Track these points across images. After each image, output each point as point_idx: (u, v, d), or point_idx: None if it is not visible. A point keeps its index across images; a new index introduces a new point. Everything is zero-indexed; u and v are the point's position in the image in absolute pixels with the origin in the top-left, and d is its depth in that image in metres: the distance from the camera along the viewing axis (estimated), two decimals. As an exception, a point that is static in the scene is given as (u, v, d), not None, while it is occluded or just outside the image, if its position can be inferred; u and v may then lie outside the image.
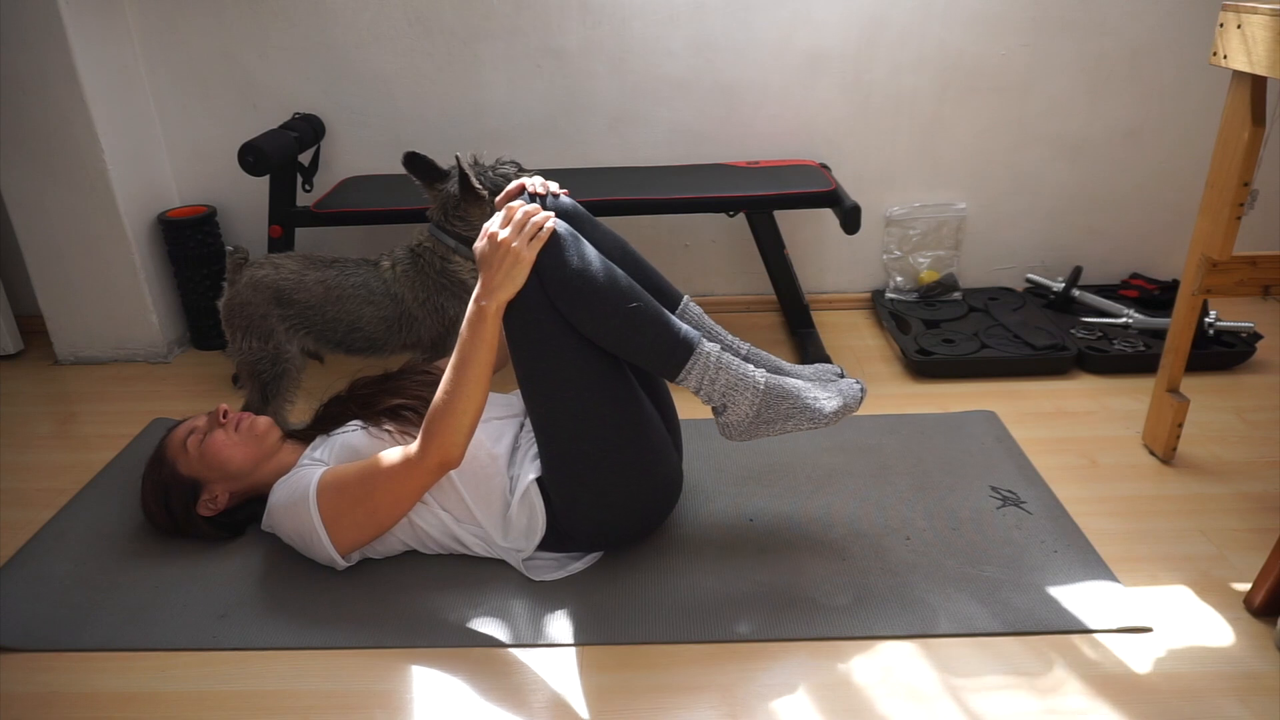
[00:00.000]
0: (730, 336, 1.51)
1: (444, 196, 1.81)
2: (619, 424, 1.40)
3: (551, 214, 1.37)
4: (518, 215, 1.34)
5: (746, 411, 1.38)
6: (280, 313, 1.82)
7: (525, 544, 1.48)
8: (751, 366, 1.39)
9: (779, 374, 1.46)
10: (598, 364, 1.37)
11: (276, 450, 1.60)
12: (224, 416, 1.59)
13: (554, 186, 1.49)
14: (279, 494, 1.48)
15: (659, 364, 1.37)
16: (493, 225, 1.34)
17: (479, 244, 1.35)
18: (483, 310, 1.33)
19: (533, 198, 1.45)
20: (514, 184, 1.46)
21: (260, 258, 1.86)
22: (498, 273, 1.32)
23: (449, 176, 1.82)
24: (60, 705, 1.30)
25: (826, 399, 1.40)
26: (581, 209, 1.50)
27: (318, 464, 1.51)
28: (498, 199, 1.45)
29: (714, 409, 1.41)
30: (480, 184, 1.78)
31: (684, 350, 1.35)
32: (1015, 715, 1.22)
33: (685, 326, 1.38)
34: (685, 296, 1.53)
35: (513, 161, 1.85)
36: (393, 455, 1.40)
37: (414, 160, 1.81)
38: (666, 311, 1.38)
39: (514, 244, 1.31)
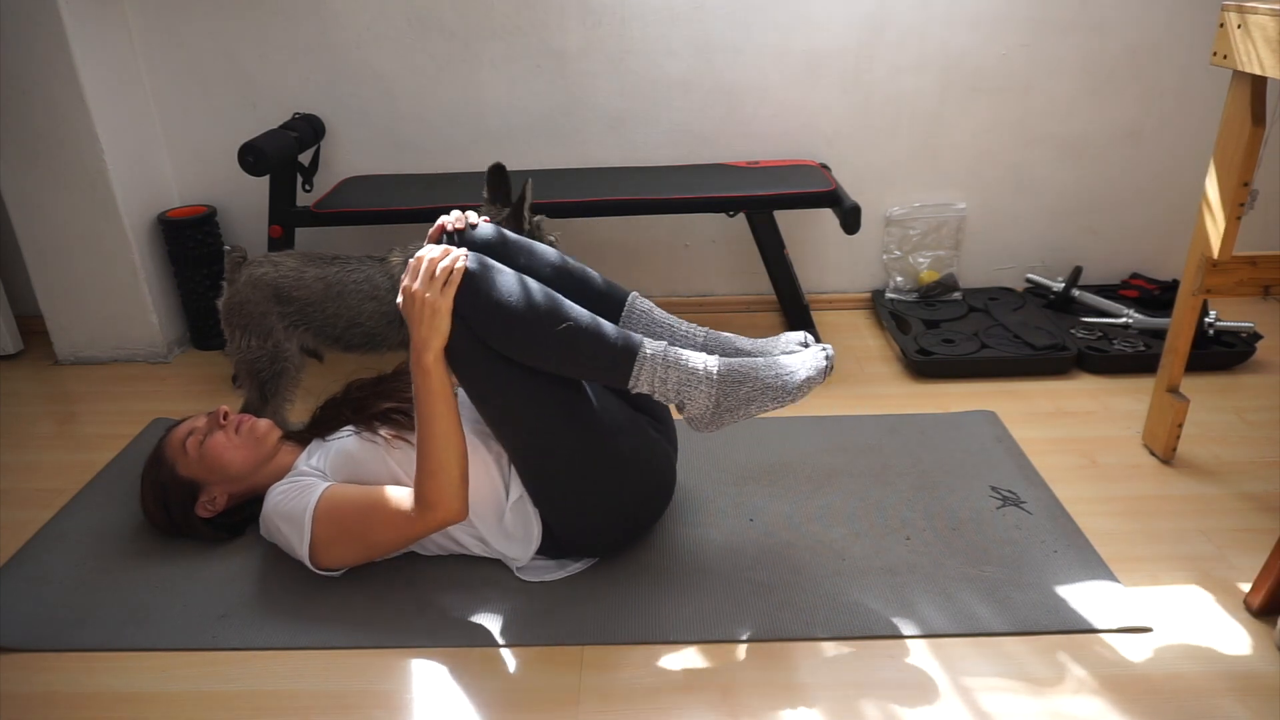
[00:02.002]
0: (685, 325, 1.47)
1: (494, 215, 1.82)
2: (584, 441, 1.39)
3: (461, 252, 1.33)
4: (423, 265, 1.31)
5: (705, 404, 1.35)
6: (279, 310, 1.82)
7: (522, 551, 1.48)
8: (703, 356, 1.35)
9: (740, 354, 1.43)
10: (547, 387, 1.36)
11: (275, 452, 1.60)
12: (224, 418, 1.59)
13: (473, 217, 1.47)
14: (274, 501, 1.48)
15: (605, 376, 1.35)
16: (405, 278, 1.33)
17: (399, 300, 1.34)
18: (422, 363, 1.32)
19: (452, 236, 1.44)
20: (434, 227, 1.44)
21: (259, 256, 1.86)
22: (421, 325, 1.31)
23: (509, 203, 1.84)
24: (60, 705, 1.30)
25: (789, 374, 1.35)
26: (503, 232, 1.48)
27: (315, 474, 1.50)
28: (412, 256, 1.40)
29: (676, 406, 1.38)
30: (528, 224, 1.80)
31: (626, 358, 1.33)
32: (1015, 715, 1.22)
33: (625, 333, 1.35)
34: (631, 294, 1.50)
35: (542, 216, 1.88)
36: (396, 502, 1.39)
37: (497, 174, 1.83)
38: (602, 322, 1.35)
39: (427, 295, 1.30)
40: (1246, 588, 1.42)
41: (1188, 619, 1.37)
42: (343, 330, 1.85)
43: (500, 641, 1.37)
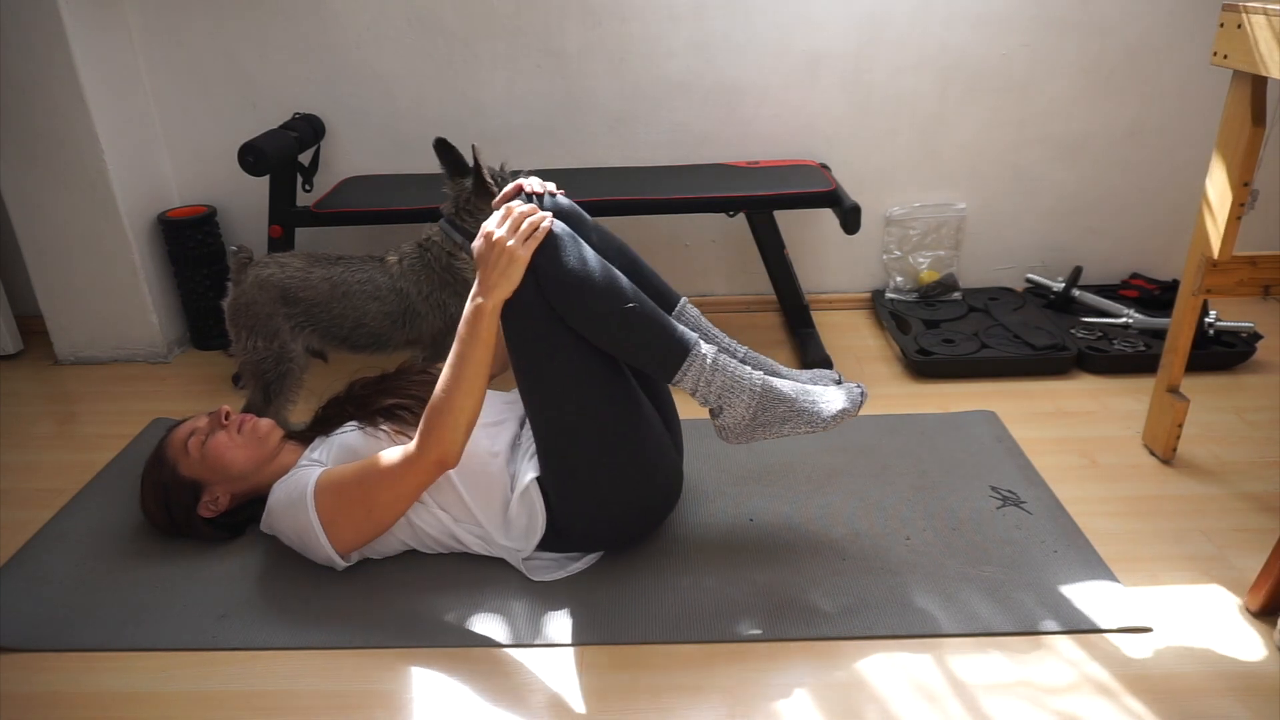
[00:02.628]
0: (728, 339, 1.51)
1: (459, 190, 1.83)
2: (616, 425, 1.40)
3: (549, 214, 1.36)
4: (514, 215, 1.34)
5: (743, 414, 1.38)
6: (286, 311, 1.82)
7: (525, 543, 1.48)
8: (749, 369, 1.39)
9: (779, 377, 1.46)
10: (595, 365, 1.37)
11: (278, 452, 1.60)
12: (226, 418, 1.59)
13: (551, 186, 1.49)
14: (278, 495, 1.48)
15: (655, 365, 1.36)
16: (489, 225, 1.34)
17: (476, 243, 1.35)
18: (480, 308, 1.33)
19: (530, 198, 1.45)
20: (511, 185, 1.45)
21: (264, 257, 1.86)
22: (493, 271, 1.32)
23: (470, 172, 1.83)
24: (60, 705, 1.30)
25: (825, 403, 1.39)
26: (579, 209, 1.50)
27: (316, 465, 1.51)
28: (494, 200, 1.45)
29: (710, 411, 1.40)
30: (494, 182, 1.79)
31: (680, 351, 1.35)
32: (1015, 715, 1.22)
33: (682, 328, 1.38)
34: (683, 298, 1.53)
35: (531, 174, 1.87)
36: (391, 455, 1.40)
37: (443, 148, 1.84)
38: (663, 313, 1.38)
39: (510, 243, 1.31)
40: (1246, 588, 1.41)
41: (1188, 619, 1.37)
42: (349, 331, 1.85)
43: (500, 641, 1.37)
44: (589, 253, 1.36)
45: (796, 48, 2.31)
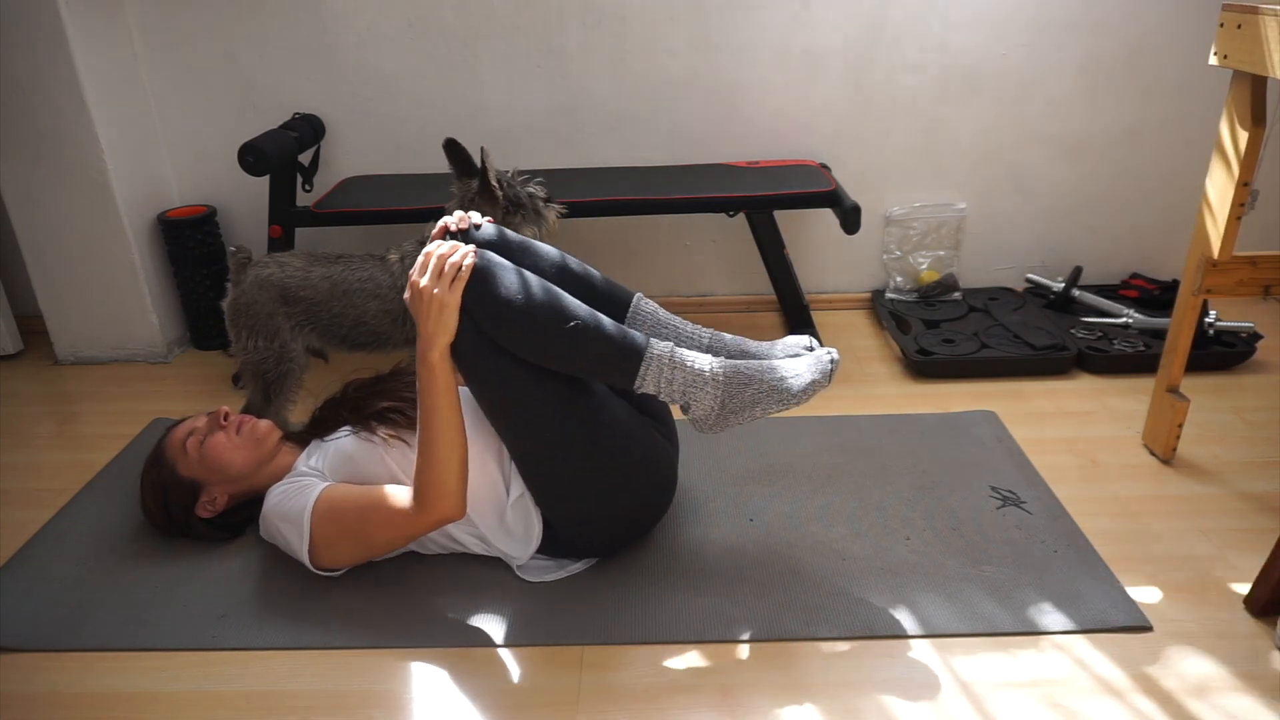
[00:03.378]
0: (691, 327, 1.48)
1: (466, 190, 1.84)
2: (590, 441, 1.39)
3: (469, 249, 1.33)
4: (433, 261, 1.31)
5: (710, 405, 1.35)
6: (286, 310, 1.82)
7: (522, 550, 1.48)
8: (708, 358, 1.36)
9: (745, 356, 1.44)
10: (554, 386, 1.36)
11: (276, 453, 1.60)
12: (225, 419, 1.59)
13: (475, 217, 1.47)
14: (273, 501, 1.48)
15: (611, 376, 1.35)
16: (413, 274, 1.32)
17: (405, 295, 1.33)
18: (427, 361, 1.31)
19: (455, 235, 1.43)
20: (436, 226, 1.43)
21: (264, 256, 1.86)
22: (429, 321, 1.30)
23: (478, 174, 1.84)
24: (60, 705, 1.30)
25: (794, 376, 1.35)
26: (506, 232, 1.48)
27: (314, 475, 1.50)
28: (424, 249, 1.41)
29: (680, 407, 1.38)
30: (499, 186, 1.79)
31: (633, 357, 1.33)
32: (1015, 715, 1.22)
33: (631, 332, 1.36)
34: (636, 295, 1.50)
35: (540, 181, 1.88)
36: (394, 500, 1.39)
37: (452, 147, 1.85)
38: (609, 321, 1.35)
39: (435, 290, 1.29)
40: (1246, 588, 1.41)
41: (1188, 619, 1.37)
42: (349, 330, 1.85)
43: (500, 641, 1.37)
44: (518, 278, 1.33)
45: (796, 48, 2.31)
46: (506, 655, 1.35)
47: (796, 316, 2.32)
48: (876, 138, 2.41)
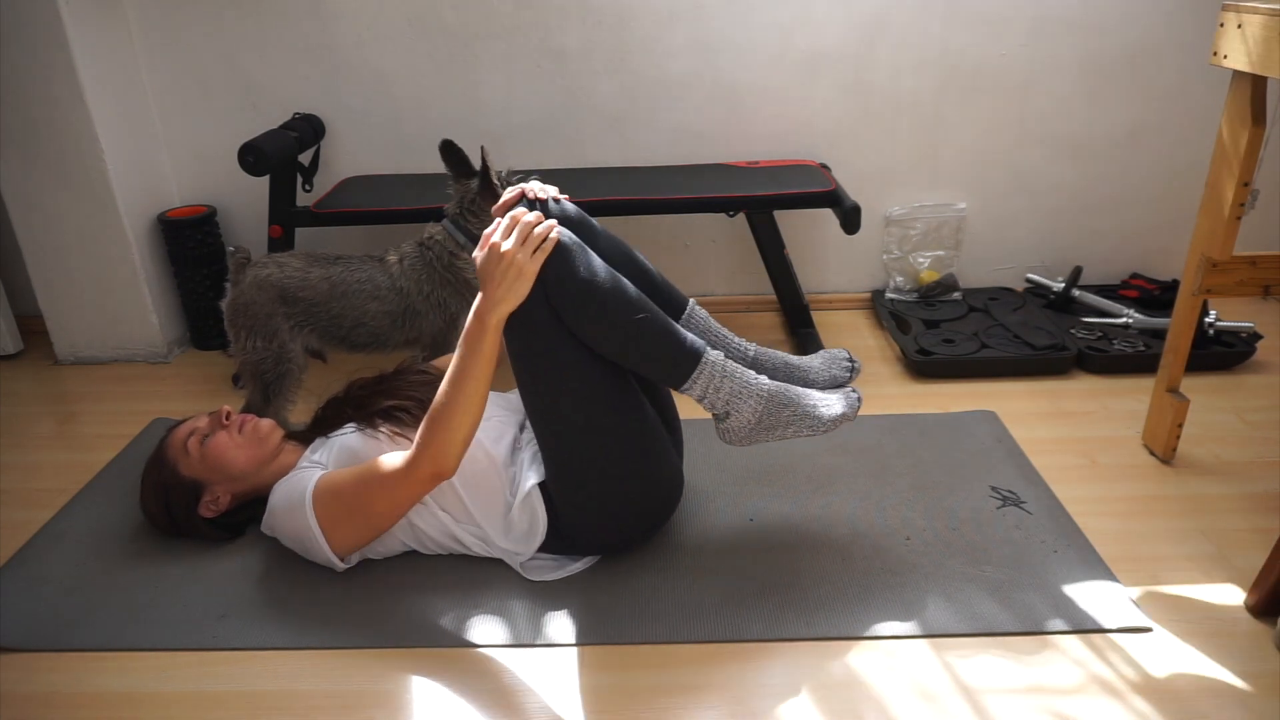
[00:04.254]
0: (737, 340, 1.50)
1: (464, 190, 1.84)
2: (622, 432, 1.40)
3: (555, 222, 1.33)
4: (521, 225, 1.29)
5: (749, 418, 1.37)
6: (285, 311, 1.82)
7: (525, 546, 1.48)
8: (754, 374, 1.38)
9: (788, 369, 1.46)
10: (600, 374, 1.36)
11: (278, 452, 1.60)
12: (227, 418, 1.59)
13: (554, 191, 1.45)
14: (278, 496, 1.48)
15: (664, 374, 1.36)
16: (494, 235, 1.30)
17: (478, 254, 1.31)
18: (484, 324, 1.29)
19: (533, 204, 1.40)
20: (513, 191, 1.41)
21: (263, 257, 1.86)
22: (499, 286, 1.28)
23: (476, 174, 1.84)
24: (60, 705, 1.30)
25: (826, 406, 1.39)
26: (586, 216, 1.47)
27: (316, 466, 1.51)
28: (494, 207, 1.41)
29: (715, 415, 1.40)
30: (500, 183, 1.80)
31: (691, 360, 1.34)
32: (1015, 715, 1.22)
33: (691, 335, 1.37)
34: (691, 300, 1.52)
35: (536, 178, 1.87)
36: (389, 462, 1.39)
37: (449, 149, 1.84)
38: (672, 321, 1.37)
39: (517, 256, 1.27)
40: (1246, 588, 1.41)
41: (1188, 619, 1.37)
42: (348, 330, 1.85)
43: (500, 641, 1.37)
44: (598, 262, 1.33)
45: (796, 48, 2.31)
46: (507, 655, 1.35)
47: (796, 316, 2.32)
48: (876, 138, 2.41)
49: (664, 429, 1.50)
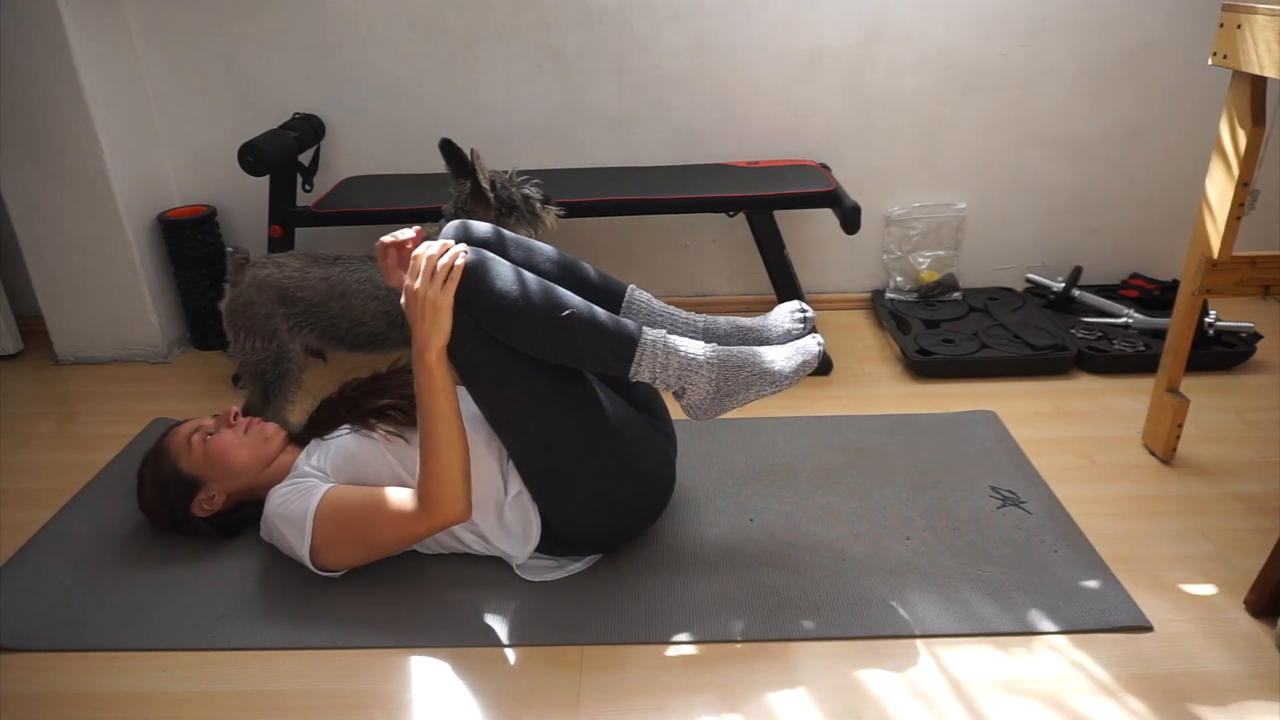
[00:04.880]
0: (685, 314, 1.49)
1: (461, 190, 1.84)
2: (587, 434, 1.40)
3: (460, 248, 1.33)
4: (423, 263, 1.31)
5: (706, 389, 1.36)
6: (284, 311, 1.82)
7: (521, 548, 1.48)
8: (700, 344, 1.37)
9: (741, 332, 1.46)
10: (550, 380, 1.37)
11: (279, 454, 1.60)
12: (234, 418, 1.60)
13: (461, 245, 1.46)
14: (275, 503, 1.48)
15: (606, 365, 1.36)
16: (406, 279, 1.33)
17: (401, 300, 1.34)
18: (425, 363, 1.32)
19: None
20: (408, 233, 1.41)
21: (261, 257, 1.86)
22: (423, 324, 1.31)
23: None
24: (60, 705, 1.30)
25: (784, 360, 1.37)
26: (494, 229, 1.48)
27: (316, 475, 1.50)
28: (383, 243, 1.39)
29: (674, 394, 1.39)
30: (490, 188, 1.79)
31: (627, 345, 1.34)
32: (1015, 715, 1.22)
33: (625, 321, 1.37)
34: (629, 286, 1.51)
35: (537, 182, 1.87)
36: (399, 503, 1.39)
37: (448, 149, 1.85)
38: (602, 311, 1.36)
39: (428, 292, 1.30)
40: (1246, 588, 1.41)
41: (1188, 619, 1.37)
42: (347, 330, 1.85)
43: (500, 641, 1.37)
44: (509, 273, 1.34)
45: (796, 48, 2.31)
46: (507, 655, 1.35)
47: (796, 316, 2.31)
48: (876, 138, 2.41)
49: (645, 423, 1.49)
